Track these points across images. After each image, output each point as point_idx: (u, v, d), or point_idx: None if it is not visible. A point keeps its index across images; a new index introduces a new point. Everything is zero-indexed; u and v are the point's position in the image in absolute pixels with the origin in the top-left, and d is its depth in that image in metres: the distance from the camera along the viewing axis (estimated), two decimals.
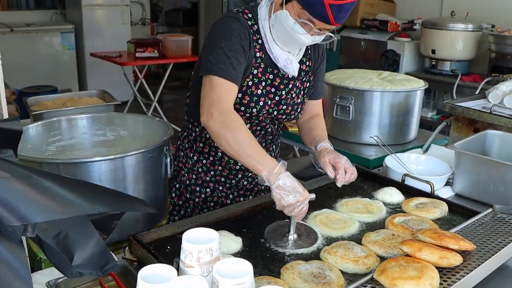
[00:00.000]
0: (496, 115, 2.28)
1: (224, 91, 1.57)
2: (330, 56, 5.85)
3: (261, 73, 1.72)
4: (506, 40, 4.24)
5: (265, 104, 1.75)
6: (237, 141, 1.49)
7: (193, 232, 0.93)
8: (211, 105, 1.54)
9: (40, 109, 2.60)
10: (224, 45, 1.60)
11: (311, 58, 1.84)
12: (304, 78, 1.83)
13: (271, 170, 1.45)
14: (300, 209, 1.45)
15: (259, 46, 1.70)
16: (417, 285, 1.13)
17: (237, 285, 0.79)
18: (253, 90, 1.71)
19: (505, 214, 1.58)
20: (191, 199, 1.93)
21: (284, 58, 1.71)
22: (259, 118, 1.78)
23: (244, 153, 1.49)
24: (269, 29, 1.68)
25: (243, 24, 1.66)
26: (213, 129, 1.52)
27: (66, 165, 1.77)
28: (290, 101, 1.81)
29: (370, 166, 2.56)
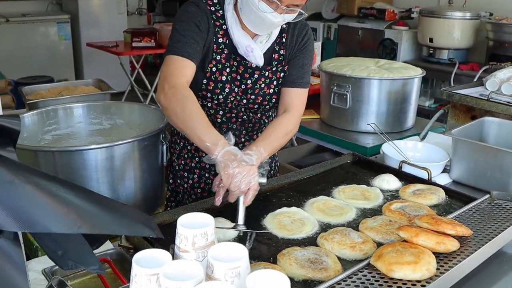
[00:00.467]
0: (494, 102, 2.27)
1: (177, 67, 1.56)
2: (328, 45, 5.84)
3: (225, 59, 1.69)
4: (504, 28, 4.23)
5: (232, 91, 1.72)
6: (184, 112, 1.45)
7: (188, 217, 0.92)
8: (163, 80, 1.54)
9: (35, 98, 2.58)
10: (179, 27, 1.62)
11: (286, 47, 1.75)
12: (276, 67, 1.74)
13: (216, 141, 1.38)
14: (248, 183, 1.33)
15: (222, 32, 1.68)
16: (414, 270, 1.13)
17: (232, 269, 0.78)
18: (217, 76, 1.70)
19: (502, 200, 1.58)
20: (181, 184, 1.95)
21: (245, 45, 1.66)
22: (228, 105, 1.75)
23: (191, 125, 1.44)
24: (232, 12, 1.66)
25: (202, 9, 1.65)
26: (163, 103, 1.51)
27: (62, 153, 1.75)
28: (259, 91, 1.75)
29: (367, 154, 2.55)
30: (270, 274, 0.76)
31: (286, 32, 1.76)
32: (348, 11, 5.59)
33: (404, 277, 1.13)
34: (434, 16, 4.69)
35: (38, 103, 2.45)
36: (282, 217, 1.53)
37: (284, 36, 1.75)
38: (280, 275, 0.76)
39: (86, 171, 1.76)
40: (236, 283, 0.79)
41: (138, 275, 0.81)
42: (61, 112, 2.24)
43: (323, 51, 5.53)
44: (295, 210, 1.58)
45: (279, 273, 0.76)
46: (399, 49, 5.14)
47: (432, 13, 4.73)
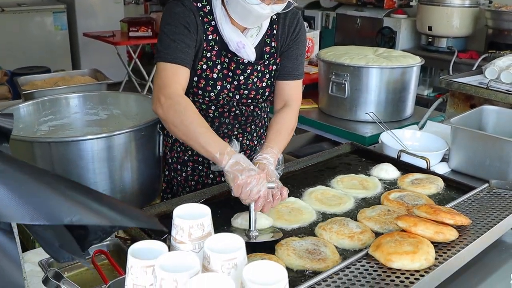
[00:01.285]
0: (493, 90, 2.25)
1: (170, 75, 1.53)
2: (326, 34, 5.80)
3: (215, 56, 1.64)
4: (503, 15, 4.20)
5: (223, 88, 1.68)
6: (184, 124, 1.43)
7: (185, 208, 0.91)
8: (158, 91, 1.51)
9: (31, 88, 2.56)
10: (168, 30, 1.56)
11: (278, 39, 1.71)
12: (268, 61, 1.71)
13: (222, 150, 1.37)
14: (258, 191, 1.32)
15: (212, 28, 1.62)
16: (413, 260, 1.12)
17: (228, 261, 0.77)
18: (208, 73, 1.65)
19: (501, 189, 1.57)
20: (174, 177, 1.93)
21: (236, 42, 1.62)
22: (220, 101, 1.71)
23: (193, 136, 1.42)
24: (221, 8, 1.60)
25: (188, 7, 1.58)
26: (162, 115, 1.49)
27: (58, 144, 1.74)
28: (252, 86, 1.72)
29: (366, 143, 2.54)
30: (267, 265, 0.75)
31: (277, 23, 1.71)
32: None
33: (402, 266, 1.12)
34: (433, 4, 4.66)
35: (34, 93, 2.44)
36: (280, 206, 1.52)
37: (275, 27, 1.71)
38: (277, 266, 0.75)
39: (83, 161, 1.75)
40: (233, 275, 0.78)
41: (134, 267, 0.81)
42: (57, 102, 2.22)
43: (321, 40, 5.48)
44: (292, 200, 1.57)
45: (276, 264, 0.75)
46: (398, 37, 5.10)
47: (431, 1, 4.69)
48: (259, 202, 1.35)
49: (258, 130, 1.91)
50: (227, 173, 1.35)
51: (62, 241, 0.87)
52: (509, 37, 4.17)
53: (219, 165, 1.38)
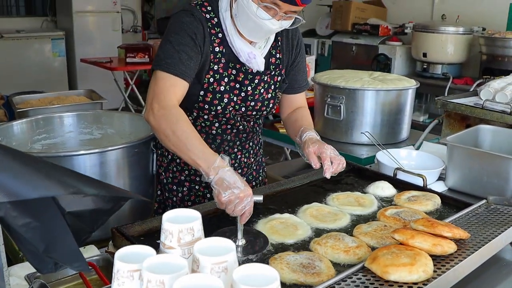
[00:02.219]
0: (488, 110, 2.25)
1: (168, 86, 1.50)
2: (322, 61, 5.86)
3: (223, 69, 1.64)
4: (497, 42, 4.25)
5: (230, 101, 1.67)
6: (176, 134, 1.41)
7: (174, 212, 0.88)
8: (152, 99, 1.48)
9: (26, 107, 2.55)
10: (173, 39, 1.54)
11: (283, 51, 1.75)
12: (273, 72, 1.73)
13: (210, 164, 1.35)
14: (242, 208, 1.32)
15: (219, 40, 1.62)
16: (410, 272, 1.09)
17: (218, 264, 0.75)
18: (215, 86, 1.64)
19: (499, 205, 1.55)
20: (169, 198, 1.89)
21: (247, 52, 1.63)
22: (226, 115, 1.70)
23: (183, 148, 1.40)
24: (231, 20, 1.60)
25: (197, 18, 1.57)
26: (153, 124, 1.46)
27: (50, 159, 1.71)
28: (259, 97, 1.72)
29: (362, 164, 2.52)
30: (258, 268, 0.72)
31: (281, 35, 1.74)
32: (342, 27, 5.62)
33: (400, 279, 1.09)
34: (427, 31, 4.72)
35: (28, 111, 2.42)
36: (275, 222, 1.49)
37: (279, 39, 1.73)
38: (269, 268, 0.72)
39: None
40: (223, 279, 0.75)
41: (120, 271, 0.77)
42: (51, 121, 2.20)
43: (318, 68, 5.55)
44: (287, 216, 1.54)
45: (267, 267, 0.72)
46: (393, 64, 5.16)
47: (425, 28, 4.76)
48: (243, 216, 1.34)
49: (254, 147, 1.91)
50: (213, 188, 1.34)
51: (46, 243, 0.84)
52: (502, 63, 4.21)
53: (207, 178, 1.36)
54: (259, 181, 1.99)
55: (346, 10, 5.53)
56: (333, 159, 1.56)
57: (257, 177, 1.99)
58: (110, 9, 6.90)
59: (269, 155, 4.93)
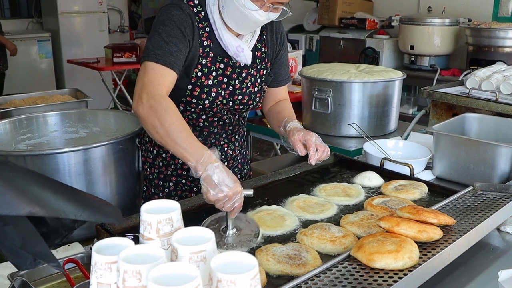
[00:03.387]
0: (474, 99, 2.25)
1: (158, 76, 1.47)
2: (310, 56, 5.85)
3: (211, 63, 1.63)
4: (483, 32, 4.26)
5: (218, 95, 1.67)
6: (164, 126, 1.37)
7: (153, 203, 0.87)
8: (141, 89, 1.45)
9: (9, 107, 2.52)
10: (162, 31, 1.53)
11: (267, 44, 1.76)
12: (259, 65, 1.74)
13: (198, 159, 1.32)
14: (232, 205, 1.31)
15: (206, 34, 1.62)
16: (396, 259, 1.09)
17: (196, 253, 0.73)
18: (203, 80, 1.63)
19: (485, 191, 1.55)
20: (156, 193, 1.88)
21: (235, 46, 1.63)
22: (213, 109, 1.70)
23: (171, 141, 1.37)
24: (219, 14, 1.60)
25: (186, 11, 1.57)
26: (142, 114, 1.42)
27: (34, 157, 1.69)
28: (246, 91, 1.73)
29: (351, 157, 2.51)
30: (236, 255, 0.71)
31: (265, 29, 1.74)
32: (329, 22, 5.62)
33: (385, 266, 1.08)
34: (414, 24, 4.73)
35: (11, 111, 2.39)
36: (262, 214, 1.48)
37: (264, 33, 1.74)
38: (248, 256, 0.71)
39: (59, 175, 1.70)
40: (202, 269, 0.74)
41: (98, 264, 0.76)
42: (35, 120, 2.17)
43: (306, 63, 5.54)
44: (274, 207, 1.53)
45: (246, 254, 0.71)
46: (381, 57, 5.16)
47: (412, 20, 4.77)
48: (233, 212, 1.33)
49: (240, 140, 1.91)
50: (201, 184, 1.32)
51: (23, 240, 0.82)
52: (489, 53, 4.23)
53: (195, 174, 1.34)
54: (244, 174, 1.99)
55: (333, 5, 5.52)
56: (318, 147, 1.60)
57: (242, 169, 1.99)
58: (96, 9, 6.85)
59: (259, 151, 4.92)
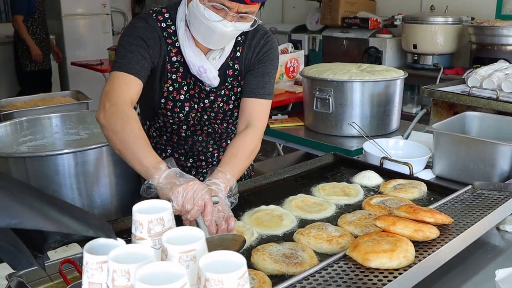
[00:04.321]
0: (475, 97, 2.24)
1: (121, 84, 1.43)
2: (313, 56, 5.85)
3: (181, 78, 1.60)
4: (486, 30, 4.24)
5: (192, 109, 1.63)
6: (125, 132, 1.31)
7: (145, 203, 0.87)
8: (104, 97, 1.40)
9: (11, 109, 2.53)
10: (125, 42, 1.50)
11: (242, 61, 1.64)
12: (231, 84, 1.65)
13: (156, 165, 1.26)
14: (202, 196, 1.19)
15: (176, 49, 1.57)
16: (391, 258, 1.08)
17: (186, 253, 0.73)
18: (175, 95, 1.61)
19: (484, 190, 1.54)
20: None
21: (197, 66, 1.56)
22: (190, 122, 1.67)
23: (130, 146, 1.30)
24: (185, 30, 1.54)
25: (152, 25, 1.53)
26: (102, 121, 1.36)
27: (33, 159, 1.70)
28: (219, 110, 1.67)
29: (352, 156, 2.51)
30: (225, 255, 0.71)
31: (242, 45, 1.64)
32: (332, 21, 5.61)
33: (380, 265, 1.08)
34: (416, 22, 4.71)
35: (13, 114, 2.40)
36: (260, 214, 1.48)
37: (239, 49, 1.64)
38: (236, 255, 0.71)
39: (59, 177, 1.71)
40: (192, 268, 0.74)
41: (89, 263, 0.76)
42: (36, 122, 2.19)
43: (309, 63, 5.54)
44: (273, 207, 1.53)
45: (234, 254, 0.71)
46: (384, 57, 5.15)
47: (414, 19, 4.75)
48: (206, 211, 1.19)
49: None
50: (162, 186, 1.22)
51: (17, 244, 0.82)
52: (492, 51, 4.21)
53: (151, 179, 1.25)
54: (244, 175, 1.97)
55: (336, 5, 5.52)
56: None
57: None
58: (100, 11, 6.86)
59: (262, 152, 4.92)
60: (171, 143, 1.77)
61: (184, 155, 1.79)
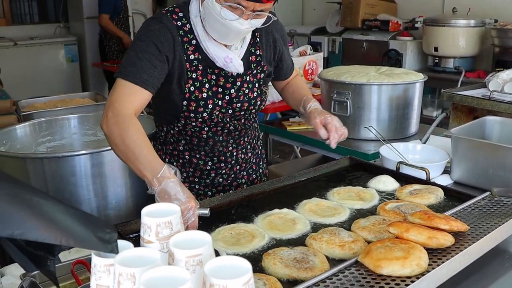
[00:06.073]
0: (496, 101, 2.20)
1: (126, 94, 1.45)
2: (333, 58, 5.82)
3: (201, 76, 1.61)
4: (509, 33, 4.16)
5: (215, 106, 1.65)
6: (125, 144, 1.36)
7: (153, 207, 0.87)
8: (108, 107, 1.43)
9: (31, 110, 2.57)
10: (137, 47, 1.50)
11: (262, 46, 1.71)
12: (255, 70, 1.70)
13: (155, 174, 1.30)
14: (186, 219, 1.25)
15: (193, 47, 1.58)
16: (403, 265, 1.06)
17: (192, 257, 0.73)
18: (197, 94, 1.61)
19: (503, 197, 1.51)
20: None
21: (223, 57, 1.59)
22: (214, 120, 1.68)
23: (131, 157, 1.35)
24: (201, 25, 1.56)
25: (166, 25, 1.53)
26: (106, 131, 1.41)
27: (50, 160, 1.73)
28: (244, 98, 1.70)
29: (369, 160, 2.49)
30: (231, 260, 0.70)
31: (259, 31, 1.68)
32: (352, 24, 5.57)
33: (392, 273, 1.06)
34: (438, 25, 4.64)
35: (32, 114, 2.45)
36: (273, 218, 1.47)
37: (257, 35, 1.69)
38: (242, 260, 0.70)
39: (75, 178, 1.74)
40: (198, 273, 0.74)
41: (97, 266, 0.77)
42: (55, 123, 2.23)
43: (329, 66, 5.51)
44: (286, 211, 1.52)
45: (240, 259, 0.70)
46: (404, 59, 5.08)
47: (436, 22, 4.68)
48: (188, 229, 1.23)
49: (251, 142, 1.89)
50: (155, 199, 1.30)
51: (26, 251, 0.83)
52: None
53: (150, 190, 1.32)
54: (259, 173, 1.98)
55: (356, 7, 5.47)
56: (337, 130, 1.66)
57: (257, 169, 1.97)
58: None
59: (280, 154, 4.91)
60: (190, 147, 1.76)
61: (203, 158, 1.78)
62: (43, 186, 1.73)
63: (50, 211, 0.78)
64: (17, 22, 7.16)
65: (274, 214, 1.50)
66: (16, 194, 0.78)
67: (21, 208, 0.73)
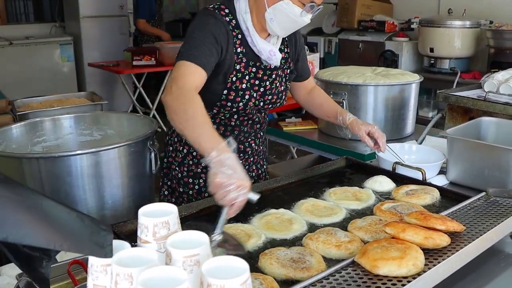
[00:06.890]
0: (491, 102, 2.21)
1: (188, 72, 1.53)
2: (329, 59, 5.82)
3: (244, 68, 1.73)
4: (504, 34, 4.17)
5: (251, 97, 1.76)
6: (187, 113, 1.39)
7: (150, 207, 0.87)
8: (171, 82, 1.50)
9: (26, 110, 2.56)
10: (197, 35, 1.61)
11: (289, 45, 1.87)
12: (284, 65, 1.85)
13: (213, 146, 1.29)
14: (236, 197, 1.21)
15: (239, 41, 1.71)
16: (400, 265, 1.07)
17: (190, 257, 0.73)
18: (238, 85, 1.72)
19: (499, 197, 1.51)
20: (184, 192, 1.90)
21: (268, 50, 1.72)
22: (246, 110, 1.79)
23: (190, 125, 1.38)
24: (251, 22, 1.68)
25: (220, 20, 1.66)
26: (169, 102, 1.44)
27: (46, 160, 1.72)
28: (275, 90, 1.83)
29: (365, 160, 2.49)
30: (228, 260, 0.70)
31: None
32: (348, 24, 5.58)
33: (389, 273, 1.07)
34: (434, 26, 4.65)
35: (28, 114, 2.43)
36: (270, 217, 1.48)
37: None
38: (239, 261, 0.70)
39: (71, 178, 1.73)
40: (196, 273, 0.74)
41: (94, 266, 0.77)
42: (50, 123, 2.22)
43: (325, 66, 5.51)
44: (283, 211, 1.52)
45: (237, 259, 0.70)
46: (400, 60, 5.09)
47: (431, 23, 4.69)
48: (232, 209, 1.24)
49: (262, 136, 2.03)
50: (210, 167, 1.27)
51: None
52: (511, 55, 4.13)
53: (207, 159, 1.29)
54: (263, 170, 2.08)
55: (352, 7, 5.48)
56: (381, 137, 1.86)
57: (263, 164, 2.07)
58: (117, 13, 6.92)
59: (276, 154, 4.91)
60: None
61: None
62: (39, 186, 1.72)
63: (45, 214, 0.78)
64: (13, 22, 7.13)
65: (271, 214, 1.50)
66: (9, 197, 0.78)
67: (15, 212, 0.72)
